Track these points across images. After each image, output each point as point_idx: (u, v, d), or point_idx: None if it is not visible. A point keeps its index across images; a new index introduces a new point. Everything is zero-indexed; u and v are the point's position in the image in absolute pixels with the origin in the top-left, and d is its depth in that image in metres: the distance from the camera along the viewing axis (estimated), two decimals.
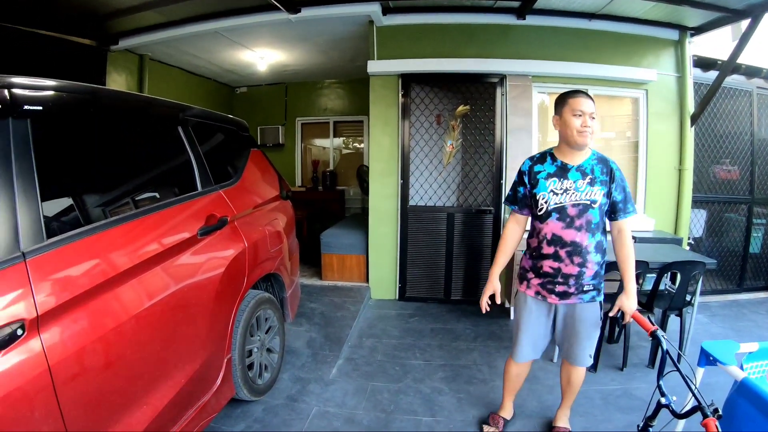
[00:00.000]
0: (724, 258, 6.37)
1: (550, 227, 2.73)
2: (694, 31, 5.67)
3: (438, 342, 4.67)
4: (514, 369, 3.14)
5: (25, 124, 1.78)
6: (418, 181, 5.75)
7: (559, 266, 2.73)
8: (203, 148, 3.06)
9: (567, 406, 3.19)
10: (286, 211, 4.05)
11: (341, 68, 8.18)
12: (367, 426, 3.28)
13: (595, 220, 2.68)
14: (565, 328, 2.89)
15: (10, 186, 1.67)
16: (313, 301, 5.42)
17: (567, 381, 3.08)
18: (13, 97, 1.75)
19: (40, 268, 1.69)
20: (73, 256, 1.86)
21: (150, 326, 2.20)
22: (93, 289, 1.88)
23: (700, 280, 4.36)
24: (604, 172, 2.70)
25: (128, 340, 2.06)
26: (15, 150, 1.71)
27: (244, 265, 3.08)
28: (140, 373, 2.17)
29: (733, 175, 6.36)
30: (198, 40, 6.24)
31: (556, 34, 5.56)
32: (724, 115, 6.25)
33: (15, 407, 1.55)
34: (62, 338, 1.72)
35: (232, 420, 3.25)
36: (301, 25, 5.59)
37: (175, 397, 2.36)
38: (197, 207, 2.78)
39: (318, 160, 9.62)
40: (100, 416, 1.92)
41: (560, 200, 2.69)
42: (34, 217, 1.73)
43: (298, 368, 4.00)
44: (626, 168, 5.92)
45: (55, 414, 1.68)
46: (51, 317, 1.69)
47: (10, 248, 1.63)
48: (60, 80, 2.02)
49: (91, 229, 1.99)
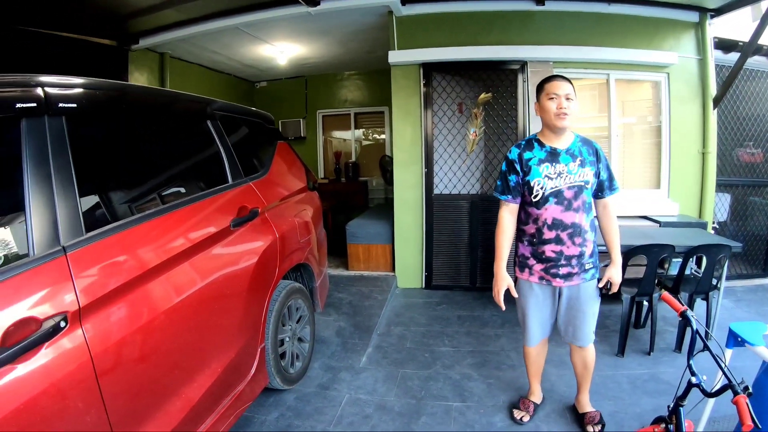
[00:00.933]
0: (749, 242, 6.18)
1: (549, 212, 2.73)
2: (714, 12, 5.51)
3: (465, 329, 4.64)
4: (532, 352, 3.14)
5: (60, 121, 1.78)
6: (442, 170, 5.70)
7: (561, 249, 2.75)
8: (231, 141, 3.05)
9: (587, 390, 3.17)
10: (313, 202, 4.04)
11: (360, 59, 8.12)
12: (399, 412, 3.27)
13: (588, 200, 2.76)
14: (570, 310, 2.90)
15: (49, 182, 1.68)
16: (341, 291, 5.42)
17: (582, 365, 3.07)
18: (47, 96, 1.75)
19: (80, 262, 1.70)
20: (112, 249, 1.87)
21: (187, 316, 2.21)
22: (131, 281, 1.88)
23: (726, 264, 4.26)
24: (591, 153, 2.76)
25: (166, 331, 2.06)
26: (52, 147, 1.72)
27: (275, 255, 3.08)
28: (178, 363, 2.18)
29: (756, 158, 6.17)
30: (218, 36, 6.23)
31: (575, 19, 5.45)
32: (747, 97, 6.07)
33: (61, 398, 1.56)
34: (103, 329, 1.73)
35: (265, 408, 3.26)
36: (320, 17, 5.54)
37: (212, 385, 2.36)
38: (229, 199, 2.78)
39: (340, 152, 9.59)
40: (140, 405, 1.93)
41: (556, 184, 2.71)
42: (73, 212, 1.74)
43: (328, 357, 4.00)
44: (650, 153, 5.85)
45: (98, 404, 1.69)
46: (92, 309, 1.69)
47: (51, 243, 1.64)
48: (91, 78, 2.02)
49: (128, 223, 1.99)
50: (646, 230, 4.90)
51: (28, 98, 1.69)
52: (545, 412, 3.25)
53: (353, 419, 3.18)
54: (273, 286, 3.10)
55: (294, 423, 3.12)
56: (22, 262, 1.53)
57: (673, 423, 2.08)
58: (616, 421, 3.11)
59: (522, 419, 3.13)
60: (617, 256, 2.82)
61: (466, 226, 5.72)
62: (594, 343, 3.32)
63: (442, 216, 5.75)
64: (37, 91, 1.73)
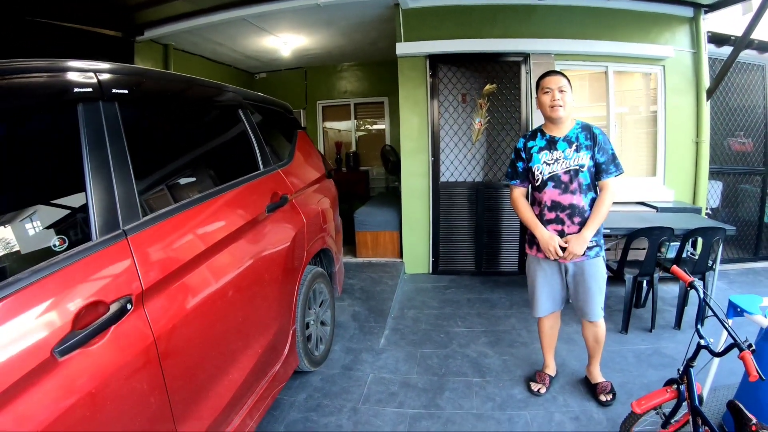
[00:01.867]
0: (740, 227, 6.22)
1: (548, 195, 2.88)
2: (708, 8, 5.52)
3: (476, 311, 4.65)
4: (546, 323, 3.23)
5: (113, 107, 1.73)
6: (448, 158, 5.68)
7: (562, 228, 2.87)
8: (259, 130, 3.01)
9: (598, 362, 3.26)
10: (331, 190, 4.00)
11: (362, 50, 8.00)
12: (423, 388, 3.29)
13: (586, 181, 2.83)
14: (576, 286, 2.99)
15: (107, 166, 1.63)
16: (352, 278, 5.38)
17: (594, 339, 3.15)
18: (101, 82, 1.70)
19: (140, 245, 1.66)
20: (167, 232, 1.83)
21: (234, 298, 2.18)
22: (186, 264, 1.85)
23: (721, 247, 4.37)
24: (588, 138, 2.84)
25: (217, 312, 2.04)
26: (108, 132, 1.67)
27: (304, 240, 3.06)
28: (227, 344, 2.16)
29: (747, 147, 6.22)
30: (224, 27, 6.10)
31: (576, 12, 5.43)
32: (738, 89, 6.11)
33: (129, 380, 1.53)
34: (163, 312, 1.70)
35: (292, 391, 3.23)
36: (327, 9, 5.46)
37: (254, 366, 2.34)
38: (262, 185, 2.74)
39: (341, 142, 9.52)
40: (195, 386, 1.90)
41: (552, 169, 2.85)
42: (131, 196, 1.69)
43: (348, 340, 3.98)
44: (646, 141, 5.87)
45: (161, 386, 1.66)
46: (153, 292, 1.66)
47: (113, 226, 1.59)
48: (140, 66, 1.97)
49: (178, 207, 1.95)
50: (644, 215, 4.93)
51: (84, 84, 1.64)
52: (560, 384, 3.32)
53: (380, 396, 3.19)
54: (302, 270, 3.07)
55: (323, 402, 3.11)
56: (86, 246, 1.48)
57: (685, 383, 2.16)
58: (626, 391, 3.19)
59: (539, 391, 3.21)
60: (587, 229, 2.80)
61: (471, 212, 5.71)
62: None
63: (448, 203, 5.73)
64: (92, 76, 1.68)
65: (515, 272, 5.73)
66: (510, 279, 5.58)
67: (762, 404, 2.26)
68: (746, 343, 1.84)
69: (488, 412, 3.03)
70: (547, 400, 3.13)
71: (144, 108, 2.05)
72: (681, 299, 4.13)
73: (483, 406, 3.08)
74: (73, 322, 1.36)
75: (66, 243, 1.46)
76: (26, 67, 1.50)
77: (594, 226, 2.81)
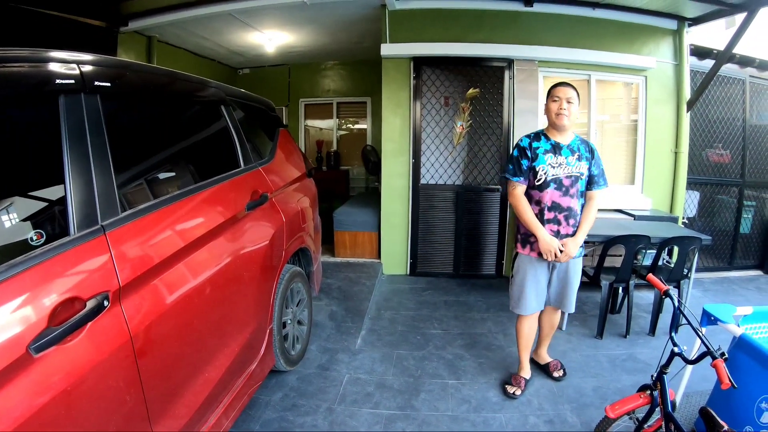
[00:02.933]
0: (715, 237, 6.38)
1: (549, 195, 3.03)
2: (692, 21, 5.64)
3: (453, 313, 4.68)
4: (526, 323, 3.32)
5: (95, 99, 1.71)
6: (429, 161, 5.69)
7: (558, 229, 3.06)
8: (241, 126, 2.99)
9: (547, 345, 3.62)
10: (311, 189, 3.99)
11: (346, 50, 7.99)
12: (399, 389, 3.31)
13: (581, 188, 3.08)
14: (560, 281, 3.21)
15: (87, 161, 1.61)
16: (330, 277, 5.37)
17: (550, 325, 3.51)
18: (83, 74, 1.68)
19: (118, 241, 1.64)
20: (146, 229, 1.81)
21: (211, 296, 2.17)
22: (164, 261, 1.83)
23: (696, 256, 4.46)
24: (587, 151, 3.09)
25: (194, 310, 2.03)
26: (89, 125, 1.65)
27: (283, 238, 3.05)
28: (204, 342, 2.16)
29: (724, 158, 6.37)
30: (209, 21, 6.04)
31: (561, 21, 5.50)
32: (718, 101, 6.24)
33: (105, 377, 1.51)
34: (140, 309, 1.68)
35: (269, 390, 3.23)
36: (314, 7, 5.43)
37: (231, 364, 2.34)
38: (242, 182, 2.73)
39: (322, 141, 9.47)
40: (171, 385, 1.89)
41: (556, 172, 3.02)
42: (110, 192, 1.68)
43: (324, 339, 3.98)
44: (626, 150, 5.97)
45: (137, 383, 1.65)
46: (131, 289, 1.65)
47: (91, 221, 1.58)
48: (124, 59, 1.95)
49: (158, 203, 1.94)
50: (622, 222, 5.01)
51: (67, 75, 1.61)
52: (534, 388, 3.37)
53: (356, 397, 3.20)
54: (280, 269, 3.06)
55: (299, 402, 3.10)
56: (63, 241, 1.47)
57: (658, 389, 2.20)
58: (600, 395, 3.28)
59: (515, 393, 3.28)
60: (581, 233, 3.07)
61: (450, 215, 5.74)
62: (574, 326, 4.38)
63: (427, 205, 5.76)
64: (74, 67, 1.66)
65: (493, 276, 5.78)
66: (487, 282, 5.63)
67: (734, 411, 2.31)
68: (719, 352, 1.87)
69: (463, 414, 3.06)
70: (522, 404, 3.18)
71: (126, 101, 2.02)
72: (656, 306, 4.21)
73: (458, 408, 3.11)
74: (49, 318, 1.35)
75: (43, 237, 1.44)
76: (7, 56, 1.48)
77: (586, 231, 3.09)
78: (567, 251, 3.00)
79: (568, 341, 4.09)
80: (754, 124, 6.48)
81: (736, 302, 5.04)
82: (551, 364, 3.52)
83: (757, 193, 6.65)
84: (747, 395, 2.26)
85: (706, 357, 1.94)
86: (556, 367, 3.50)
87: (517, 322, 3.36)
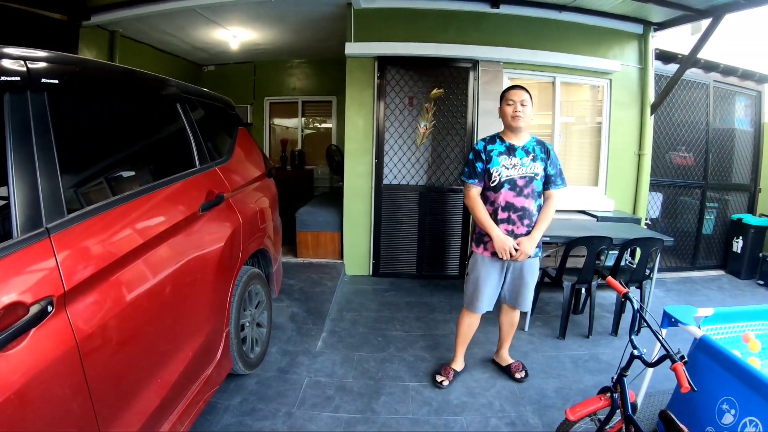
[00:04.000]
0: (678, 238, 6.62)
1: (503, 196, 3.12)
2: (658, 26, 5.81)
3: (415, 314, 4.71)
4: (467, 320, 3.47)
5: (42, 97, 1.67)
6: (392, 161, 5.72)
7: (512, 228, 3.14)
8: (197, 125, 2.95)
9: (508, 346, 3.70)
10: (270, 189, 3.96)
11: (312, 48, 7.94)
12: (359, 392, 3.31)
13: (537, 189, 3.16)
14: (515, 280, 3.30)
15: (31, 161, 1.57)
16: (291, 278, 5.33)
17: (510, 324, 3.58)
18: (30, 71, 1.63)
19: (63, 244, 1.60)
20: (93, 231, 1.77)
21: (163, 299, 2.14)
22: (112, 264, 1.79)
23: (658, 256, 4.57)
24: (543, 151, 3.18)
25: (144, 314, 1.99)
26: (34, 124, 1.61)
27: (239, 240, 3.02)
28: (156, 347, 2.12)
29: (688, 161, 6.60)
30: (174, 17, 5.94)
31: (527, 23, 5.59)
32: (682, 105, 6.45)
33: (50, 385, 1.48)
34: (87, 314, 1.65)
35: (227, 394, 3.20)
36: (279, 4, 5.41)
37: (185, 369, 2.31)
38: (197, 183, 2.69)
39: (287, 140, 9.38)
40: (121, 391, 1.86)
41: (510, 173, 3.11)
42: (55, 193, 1.63)
43: (285, 342, 3.96)
44: (590, 152, 6.09)
45: (83, 390, 1.61)
46: (76, 293, 1.61)
47: (34, 224, 1.54)
48: (73, 55, 1.91)
49: (106, 205, 1.90)
50: (584, 223, 5.12)
51: (12, 71, 1.57)
52: (496, 390, 3.44)
53: (316, 401, 3.19)
54: (237, 271, 3.03)
55: (258, 406, 3.08)
56: (6, 245, 1.43)
57: (618, 391, 2.25)
58: (562, 396, 3.34)
59: (443, 383, 3.42)
60: (536, 231, 3.14)
61: (414, 215, 5.78)
62: (536, 327, 4.47)
63: (390, 205, 5.78)
64: (21, 64, 1.61)
65: (456, 276, 5.84)
66: (451, 283, 5.68)
67: (696, 412, 2.38)
68: (678, 355, 1.92)
69: (424, 416, 3.08)
70: (483, 406, 3.21)
71: (76, 99, 1.97)
72: (618, 307, 4.33)
73: (419, 411, 3.13)
74: None
75: None
76: None
77: (542, 230, 3.16)
78: (522, 249, 3.08)
79: (530, 342, 4.16)
80: (717, 128, 6.72)
81: (698, 302, 5.30)
82: (513, 366, 3.58)
83: (720, 195, 6.90)
84: (708, 397, 2.32)
85: (666, 360, 1.98)
86: (517, 369, 3.55)
87: (460, 316, 3.49)
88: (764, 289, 6.21)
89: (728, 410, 2.22)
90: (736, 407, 2.19)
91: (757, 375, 2.13)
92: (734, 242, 6.71)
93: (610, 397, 2.31)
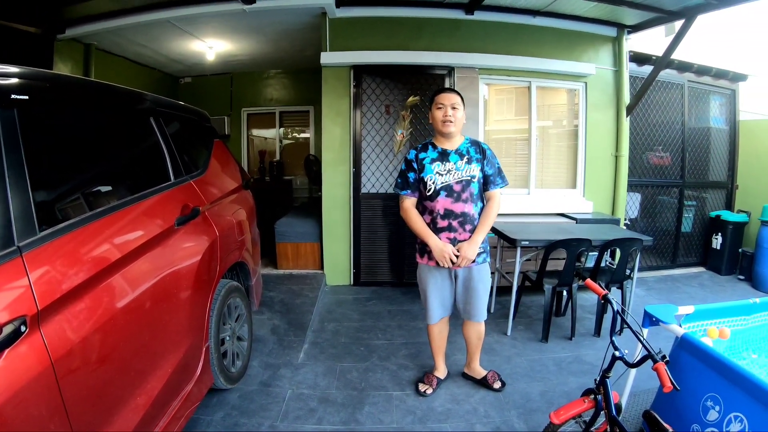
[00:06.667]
0: (658, 237, 6.76)
1: (441, 204, 3.10)
2: (631, 28, 5.96)
3: (397, 323, 4.73)
4: (434, 329, 3.47)
5: (12, 114, 1.67)
6: (370, 170, 5.76)
7: (454, 236, 3.11)
8: (172, 139, 2.95)
9: (478, 357, 3.61)
10: (248, 201, 3.97)
11: (289, 58, 7.98)
12: (342, 403, 3.31)
13: (476, 191, 3.13)
14: (466, 290, 3.27)
15: (2, 179, 1.57)
16: (272, 290, 5.32)
17: (477, 337, 3.48)
18: None
19: (35, 262, 1.60)
20: (65, 248, 1.77)
21: (139, 316, 2.14)
22: (86, 282, 1.79)
23: (638, 256, 4.64)
24: (478, 152, 3.15)
25: (121, 332, 1.99)
26: (4, 141, 1.60)
27: (216, 254, 3.02)
28: (133, 365, 2.11)
29: (665, 161, 6.74)
30: (149, 29, 5.94)
31: (502, 29, 5.68)
32: (658, 106, 6.60)
33: (26, 406, 1.47)
34: (62, 333, 1.64)
35: (210, 409, 3.18)
36: (254, 15, 5.42)
37: (164, 387, 2.29)
38: (172, 197, 2.69)
39: (265, 151, 9.37)
40: (99, 410, 1.85)
41: (445, 179, 3.09)
42: (27, 211, 1.63)
43: (266, 355, 3.95)
44: (568, 154, 6.19)
45: (60, 411, 1.61)
46: (50, 312, 1.61)
47: (6, 243, 1.53)
48: (45, 70, 1.91)
49: (79, 221, 1.89)
50: (563, 226, 5.17)
51: None
52: (480, 395, 3.44)
53: (299, 413, 3.18)
54: (215, 285, 3.03)
55: (240, 421, 3.07)
56: None
57: (601, 393, 2.26)
58: (547, 399, 3.36)
59: (426, 392, 3.43)
60: (477, 235, 3.10)
61: (393, 224, 5.80)
62: (519, 331, 4.48)
63: (369, 214, 5.81)
64: None
65: None
66: None
67: (681, 410, 2.42)
68: (660, 355, 1.93)
69: (408, 425, 3.09)
70: (468, 412, 3.23)
71: (48, 115, 1.97)
72: (599, 308, 4.39)
73: (403, 420, 3.14)
74: None
75: None
76: None
77: (483, 232, 3.12)
78: (464, 255, 3.05)
79: (513, 346, 4.20)
80: (692, 127, 6.87)
81: (679, 299, 5.39)
82: (488, 377, 3.52)
83: (697, 193, 7.05)
84: (692, 394, 2.36)
85: (647, 360, 1.99)
86: (494, 379, 3.51)
87: (427, 328, 3.51)
88: (745, 284, 6.35)
89: (713, 407, 2.26)
90: (721, 403, 2.23)
91: (739, 371, 2.17)
92: (713, 239, 6.85)
93: (594, 399, 2.33)
